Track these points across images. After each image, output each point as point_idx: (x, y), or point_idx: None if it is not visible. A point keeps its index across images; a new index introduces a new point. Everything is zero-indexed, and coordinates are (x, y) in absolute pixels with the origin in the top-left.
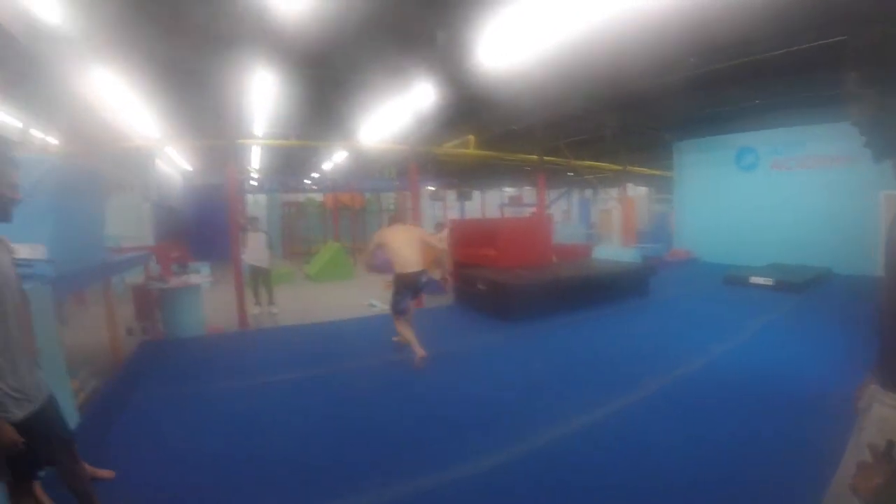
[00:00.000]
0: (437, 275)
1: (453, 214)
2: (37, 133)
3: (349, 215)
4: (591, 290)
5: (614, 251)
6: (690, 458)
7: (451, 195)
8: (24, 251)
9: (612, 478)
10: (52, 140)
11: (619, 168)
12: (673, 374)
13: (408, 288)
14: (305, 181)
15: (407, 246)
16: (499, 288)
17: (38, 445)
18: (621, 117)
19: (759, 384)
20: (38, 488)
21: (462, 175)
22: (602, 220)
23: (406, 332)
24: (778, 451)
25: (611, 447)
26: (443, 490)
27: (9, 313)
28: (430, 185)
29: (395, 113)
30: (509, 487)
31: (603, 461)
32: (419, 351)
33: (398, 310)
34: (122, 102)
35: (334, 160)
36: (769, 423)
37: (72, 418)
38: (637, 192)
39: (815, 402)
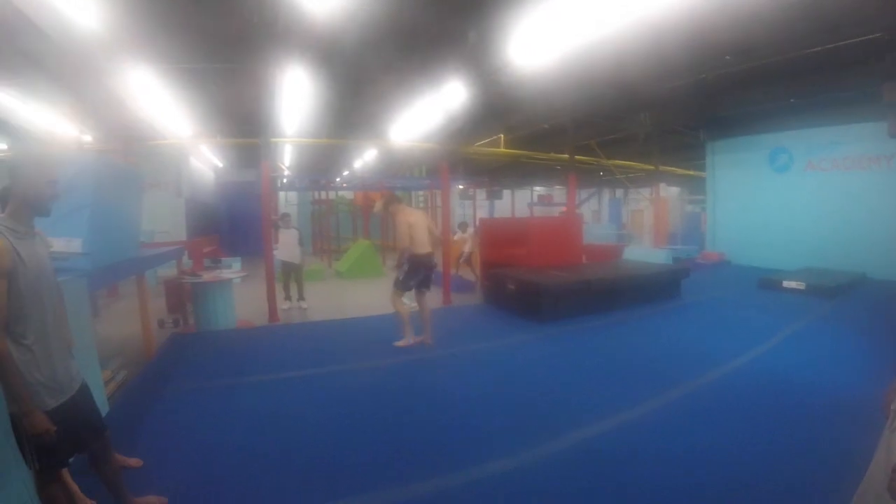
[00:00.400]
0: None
1: (483, 213)
2: (73, 130)
3: (379, 213)
4: (622, 292)
5: (645, 252)
6: (720, 463)
7: (480, 194)
8: (59, 244)
9: (641, 480)
10: (87, 137)
11: (652, 168)
12: (703, 378)
13: (422, 267)
14: (336, 179)
15: (422, 227)
16: (529, 287)
17: (70, 433)
18: (654, 116)
19: (789, 390)
20: (66, 475)
21: (492, 174)
22: (633, 221)
23: (404, 312)
24: (807, 456)
25: (640, 450)
26: (469, 489)
27: (45, 305)
28: (460, 184)
29: (426, 112)
30: (536, 488)
31: (633, 464)
32: (407, 336)
33: (405, 287)
34: (156, 101)
35: (365, 158)
36: (799, 428)
37: (102, 407)
38: (669, 192)
39: (848, 408)
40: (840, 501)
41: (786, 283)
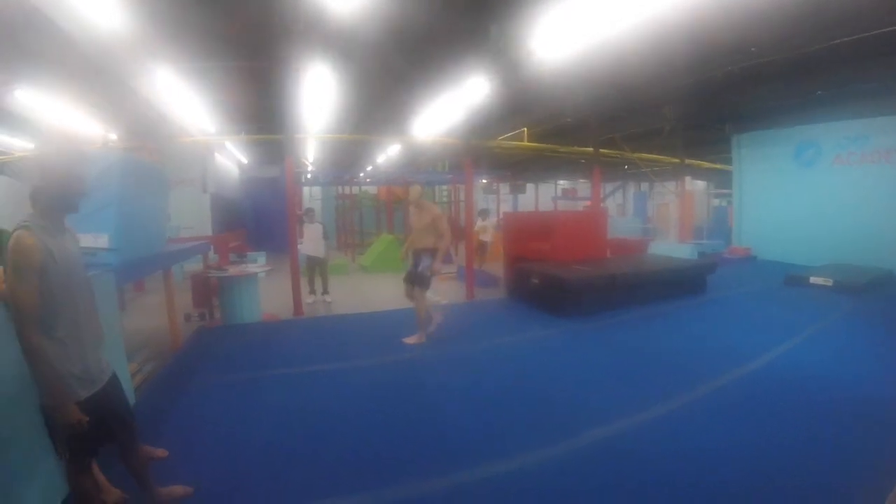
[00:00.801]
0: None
1: (506, 207)
2: (99, 129)
3: (403, 208)
4: (647, 287)
5: (671, 247)
6: (745, 460)
7: (504, 188)
8: (87, 240)
9: (664, 478)
10: (113, 136)
11: (677, 161)
12: (729, 374)
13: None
14: (360, 174)
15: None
16: (552, 282)
17: (99, 424)
18: (679, 109)
19: (816, 387)
20: (94, 466)
21: (515, 168)
22: (659, 215)
23: (424, 312)
24: (831, 458)
25: (664, 447)
26: (487, 484)
27: (77, 300)
28: (484, 178)
29: (449, 106)
30: (556, 484)
31: (655, 461)
32: (422, 334)
33: (428, 284)
34: (181, 99)
35: (388, 153)
36: (827, 425)
37: (128, 399)
38: (695, 185)
39: (877, 407)
40: (869, 501)
41: (813, 280)
